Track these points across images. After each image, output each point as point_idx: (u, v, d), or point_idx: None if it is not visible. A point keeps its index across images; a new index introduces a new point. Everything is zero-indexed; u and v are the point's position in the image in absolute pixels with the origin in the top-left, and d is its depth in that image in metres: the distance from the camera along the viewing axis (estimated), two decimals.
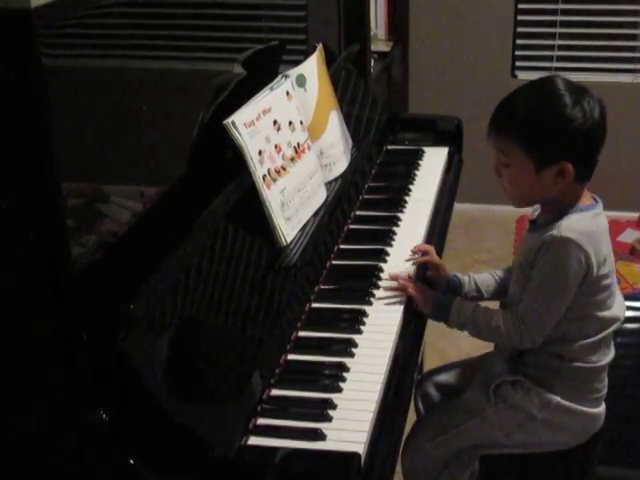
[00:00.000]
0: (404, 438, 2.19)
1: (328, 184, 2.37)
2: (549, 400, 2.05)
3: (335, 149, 2.45)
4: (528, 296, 2.00)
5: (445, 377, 2.40)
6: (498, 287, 2.25)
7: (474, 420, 2.12)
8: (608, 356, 2.09)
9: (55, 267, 1.35)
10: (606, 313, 2.03)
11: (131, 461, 1.41)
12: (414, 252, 2.33)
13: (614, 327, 2.07)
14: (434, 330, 2.12)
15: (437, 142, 3.06)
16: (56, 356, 1.40)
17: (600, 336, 2.04)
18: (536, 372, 2.06)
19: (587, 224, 1.96)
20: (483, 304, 2.11)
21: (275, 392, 1.77)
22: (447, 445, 2.16)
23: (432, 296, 2.11)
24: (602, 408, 2.12)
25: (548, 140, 1.93)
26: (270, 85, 2.14)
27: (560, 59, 4.66)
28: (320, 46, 2.49)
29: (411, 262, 2.28)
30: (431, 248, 2.33)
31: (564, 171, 1.93)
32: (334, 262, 2.27)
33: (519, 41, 4.68)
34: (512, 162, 1.98)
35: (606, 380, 2.11)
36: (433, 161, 2.94)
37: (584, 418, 2.08)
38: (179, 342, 1.61)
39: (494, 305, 2.18)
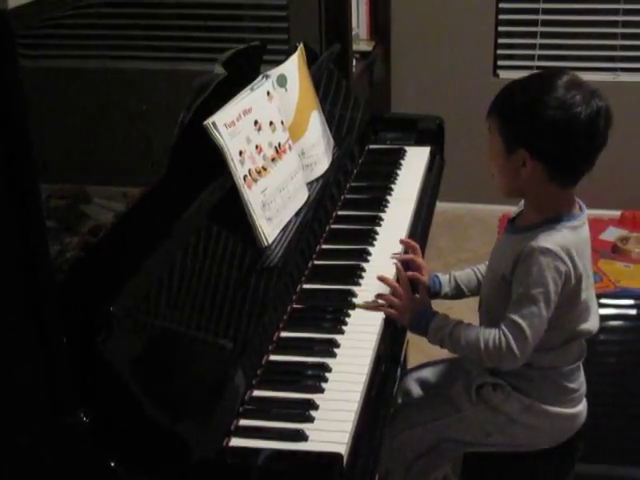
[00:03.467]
0: None
1: (310, 184, 2.37)
2: (528, 404, 2.05)
3: (316, 149, 2.45)
4: (509, 312, 1.96)
5: (427, 373, 2.39)
6: (479, 283, 2.26)
7: (455, 416, 2.13)
8: (580, 359, 2.09)
9: (35, 268, 1.34)
10: (577, 326, 2.02)
11: (112, 463, 1.41)
12: (401, 242, 2.34)
13: (582, 338, 2.06)
14: None
15: (419, 141, 3.07)
16: (36, 358, 1.39)
17: (567, 346, 2.04)
18: (511, 379, 2.06)
19: (566, 236, 1.94)
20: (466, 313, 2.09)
21: (257, 393, 1.77)
22: (425, 436, 2.16)
23: (412, 309, 2.08)
24: (581, 407, 2.12)
25: (516, 122, 1.93)
26: (251, 85, 2.14)
27: (541, 58, 4.66)
28: (301, 46, 2.49)
29: (395, 258, 2.28)
30: (418, 247, 2.33)
31: (525, 161, 1.92)
32: (316, 262, 2.27)
33: (501, 40, 4.69)
34: (492, 139, 1.99)
35: (581, 378, 2.11)
36: (415, 160, 2.94)
37: (563, 419, 2.09)
38: (160, 343, 1.61)
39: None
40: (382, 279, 2.15)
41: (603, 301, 2.18)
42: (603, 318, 2.13)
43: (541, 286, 1.91)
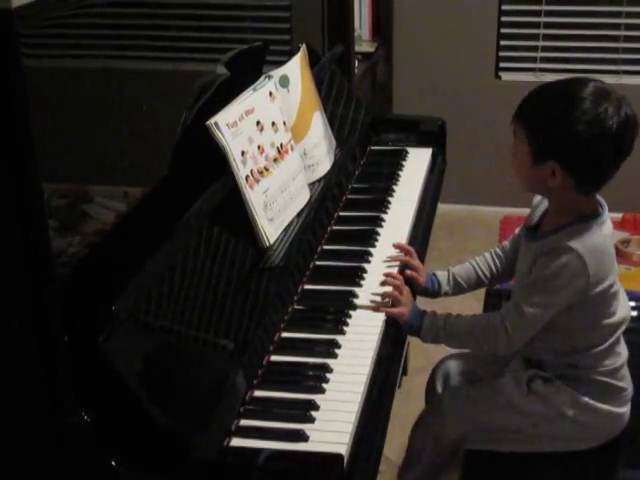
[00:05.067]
0: (419, 413, 2.30)
1: (311, 185, 2.37)
2: (578, 399, 2.06)
3: (318, 150, 2.45)
4: (515, 295, 2.00)
5: (466, 363, 2.41)
6: (478, 278, 2.28)
7: (504, 405, 2.13)
8: (622, 356, 2.10)
9: (37, 267, 1.34)
10: (613, 319, 2.04)
11: (113, 463, 1.41)
12: (396, 247, 2.34)
13: (622, 329, 2.08)
14: None
15: (421, 143, 3.07)
16: (37, 357, 1.39)
17: (610, 341, 2.05)
18: (560, 375, 2.08)
19: (593, 236, 1.95)
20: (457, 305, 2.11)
21: (258, 393, 1.77)
22: (471, 420, 2.17)
23: (411, 308, 2.10)
24: (627, 407, 2.13)
25: (544, 134, 1.93)
26: (253, 86, 2.14)
27: (544, 60, 4.66)
28: (304, 47, 2.49)
29: (392, 261, 2.29)
30: (413, 250, 2.33)
31: (554, 171, 1.93)
32: (317, 263, 2.27)
33: (503, 42, 4.68)
34: (518, 147, 1.99)
35: (628, 378, 2.12)
36: (417, 162, 2.94)
37: (610, 417, 2.10)
38: (161, 343, 1.61)
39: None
40: (388, 275, 2.17)
41: None
42: None
43: (553, 282, 1.94)
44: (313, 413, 1.70)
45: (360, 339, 1.96)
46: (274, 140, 2.15)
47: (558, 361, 2.08)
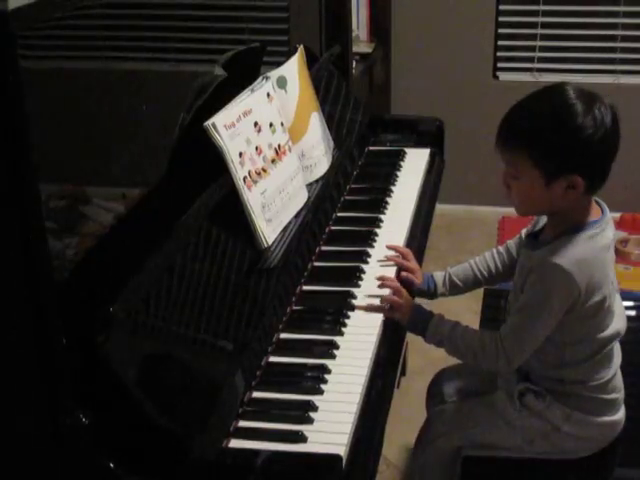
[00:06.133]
0: (417, 432, 2.25)
1: (309, 185, 2.37)
2: (570, 414, 2.05)
3: (316, 150, 2.45)
4: (511, 317, 1.99)
5: (462, 377, 2.39)
6: (476, 277, 2.27)
7: (499, 422, 2.11)
8: (613, 367, 2.07)
9: (35, 269, 1.34)
10: (604, 333, 2.01)
11: (111, 464, 1.41)
12: (389, 248, 2.33)
13: (613, 343, 2.05)
14: None
15: (419, 143, 3.07)
16: (35, 358, 1.39)
17: (598, 356, 2.02)
18: (549, 389, 2.06)
19: (583, 248, 1.92)
20: (463, 315, 2.09)
21: (256, 394, 1.77)
22: (464, 440, 2.16)
23: (412, 308, 2.08)
24: (621, 413, 2.12)
25: (557, 153, 1.87)
26: (251, 87, 2.14)
27: (541, 60, 4.66)
28: (301, 47, 2.49)
29: (388, 262, 2.29)
30: (409, 252, 2.33)
31: (575, 184, 1.88)
32: (316, 264, 2.27)
33: (501, 42, 4.68)
34: (522, 175, 1.91)
35: (619, 385, 2.10)
36: (415, 162, 2.94)
37: (605, 427, 2.08)
38: (159, 344, 1.60)
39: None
40: (382, 278, 2.17)
41: None
42: None
43: (543, 301, 1.92)
44: (311, 414, 1.69)
45: (358, 340, 1.96)
46: (272, 141, 2.15)
47: (544, 373, 2.05)
